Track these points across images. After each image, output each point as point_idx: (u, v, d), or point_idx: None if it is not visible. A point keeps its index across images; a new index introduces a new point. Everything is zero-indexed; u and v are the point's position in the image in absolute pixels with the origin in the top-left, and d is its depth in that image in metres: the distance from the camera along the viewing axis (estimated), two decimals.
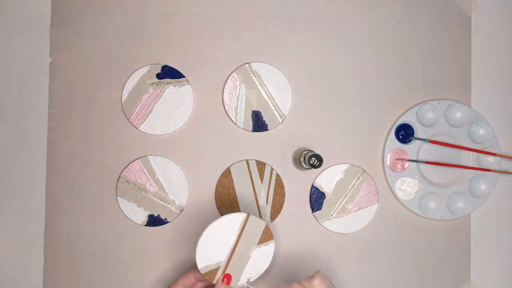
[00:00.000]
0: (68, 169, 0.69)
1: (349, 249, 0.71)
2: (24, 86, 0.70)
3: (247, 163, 0.70)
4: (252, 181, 0.70)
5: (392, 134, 0.71)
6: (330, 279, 0.58)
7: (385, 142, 0.72)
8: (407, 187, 0.71)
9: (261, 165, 0.70)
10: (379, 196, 0.71)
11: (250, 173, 0.70)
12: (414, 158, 0.72)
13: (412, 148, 0.72)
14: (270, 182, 0.70)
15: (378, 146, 0.72)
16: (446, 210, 0.71)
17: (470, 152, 0.72)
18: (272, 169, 0.70)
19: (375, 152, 0.72)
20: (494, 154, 0.71)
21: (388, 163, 0.71)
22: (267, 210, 0.70)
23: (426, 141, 0.71)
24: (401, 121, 0.71)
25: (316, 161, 0.62)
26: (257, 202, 0.70)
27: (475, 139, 0.72)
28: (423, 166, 0.72)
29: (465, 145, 0.72)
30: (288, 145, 0.71)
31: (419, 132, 0.72)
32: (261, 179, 0.70)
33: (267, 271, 0.61)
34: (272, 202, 0.70)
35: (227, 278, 0.60)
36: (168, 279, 0.69)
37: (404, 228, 0.72)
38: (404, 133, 0.72)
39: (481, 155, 0.72)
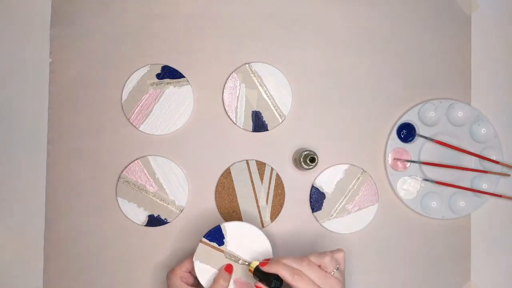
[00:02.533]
0: (68, 169, 0.69)
1: (349, 249, 0.71)
2: (24, 86, 0.70)
3: (247, 163, 0.70)
4: (252, 181, 0.70)
5: (394, 133, 0.71)
6: (344, 263, 0.57)
7: (387, 141, 0.72)
8: (408, 186, 0.71)
9: (261, 165, 0.70)
10: (379, 196, 0.71)
11: (250, 173, 0.70)
12: (416, 158, 0.72)
13: (413, 147, 0.72)
14: (270, 182, 0.70)
15: (379, 145, 0.72)
16: (448, 209, 0.71)
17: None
18: (272, 169, 0.70)
19: (376, 152, 0.72)
20: (497, 162, 0.71)
21: (389, 162, 0.71)
22: (267, 210, 0.70)
23: (431, 140, 0.71)
24: (403, 120, 0.71)
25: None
26: (257, 202, 0.70)
27: (477, 138, 0.72)
28: (425, 165, 0.72)
29: (467, 144, 0.72)
30: (288, 145, 0.71)
31: (421, 131, 0.72)
32: (261, 179, 0.70)
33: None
34: (272, 202, 0.70)
35: (229, 268, 0.59)
36: None
37: (404, 228, 0.72)
38: (406, 132, 0.71)
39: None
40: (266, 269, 0.55)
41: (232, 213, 0.69)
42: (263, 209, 0.70)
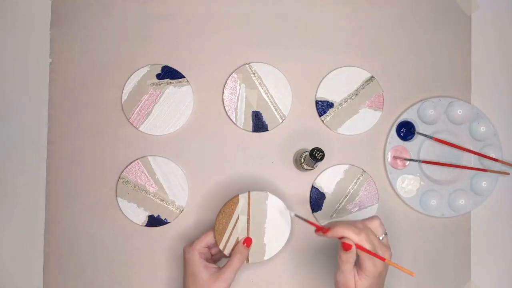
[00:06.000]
0: (68, 169, 0.69)
1: None
2: (24, 86, 0.70)
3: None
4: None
5: (393, 132, 0.71)
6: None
7: (386, 139, 0.72)
8: (408, 184, 0.71)
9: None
10: (379, 196, 0.71)
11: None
12: (415, 156, 0.72)
13: (413, 146, 0.72)
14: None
15: (379, 144, 0.72)
16: (447, 207, 0.71)
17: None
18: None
19: (376, 150, 0.72)
20: (496, 160, 0.71)
21: (389, 160, 0.71)
22: None
23: (430, 138, 0.71)
24: (402, 118, 0.71)
25: (318, 153, 0.61)
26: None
27: (476, 136, 0.72)
28: (424, 163, 0.72)
29: (467, 142, 0.72)
30: (288, 146, 0.71)
31: (420, 129, 0.72)
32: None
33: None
34: None
35: (247, 241, 0.60)
36: (168, 279, 0.69)
37: (404, 228, 0.72)
38: (406, 130, 0.72)
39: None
40: (330, 234, 0.54)
41: None
42: None
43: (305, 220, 0.56)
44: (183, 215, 0.70)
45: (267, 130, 0.71)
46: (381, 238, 0.55)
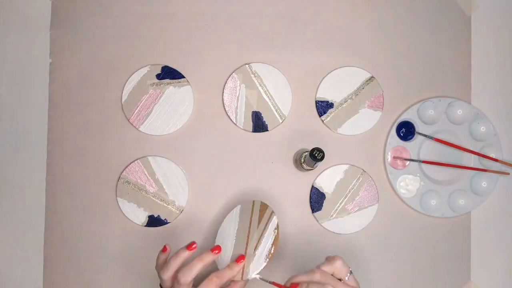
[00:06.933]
0: (68, 169, 0.69)
1: (349, 250, 0.71)
2: (24, 86, 0.70)
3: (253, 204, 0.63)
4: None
5: (393, 132, 0.71)
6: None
7: (386, 139, 0.72)
8: (408, 184, 0.71)
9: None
10: (379, 196, 0.71)
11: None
12: (415, 156, 0.72)
13: (413, 146, 0.72)
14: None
15: (379, 144, 0.72)
16: (447, 207, 0.71)
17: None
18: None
19: (376, 150, 0.72)
20: (496, 160, 0.71)
21: (389, 160, 0.71)
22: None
23: (430, 138, 0.71)
24: (402, 118, 0.71)
25: (318, 153, 0.61)
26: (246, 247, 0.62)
27: (476, 136, 0.72)
28: (424, 163, 0.72)
29: (467, 142, 0.72)
30: (288, 146, 0.71)
31: (420, 129, 0.72)
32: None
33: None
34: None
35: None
36: None
37: (404, 228, 0.72)
38: (406, 130, 0.72)
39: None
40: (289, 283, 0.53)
41: None
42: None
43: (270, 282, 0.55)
44: (183, 215, 0.70)
45: (267, 130, 0.71)
46: (346, 278, 0.53)
